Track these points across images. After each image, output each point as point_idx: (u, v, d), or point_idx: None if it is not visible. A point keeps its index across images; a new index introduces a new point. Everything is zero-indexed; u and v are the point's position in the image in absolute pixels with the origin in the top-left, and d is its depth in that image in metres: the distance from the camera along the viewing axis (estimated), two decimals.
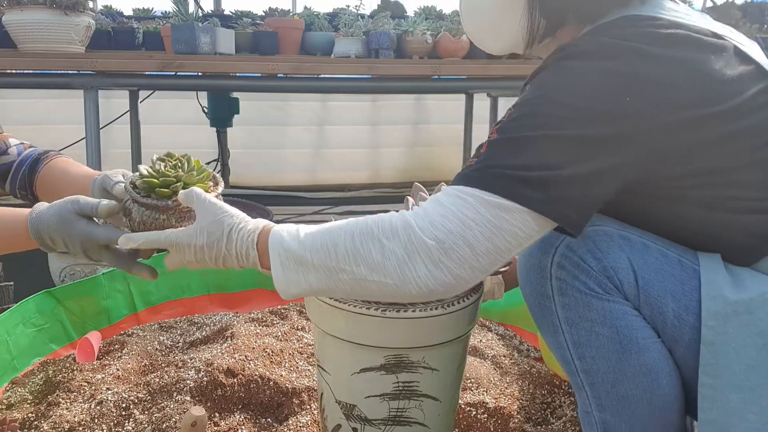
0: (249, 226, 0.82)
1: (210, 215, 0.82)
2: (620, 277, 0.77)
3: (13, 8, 2.17)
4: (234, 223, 0.82)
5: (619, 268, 0.77)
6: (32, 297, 1.36)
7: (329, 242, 0.75)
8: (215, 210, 0.83)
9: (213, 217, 0.82)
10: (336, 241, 0.75)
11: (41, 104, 3.64)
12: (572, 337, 0.81)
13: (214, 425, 1.10)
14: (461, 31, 2.49)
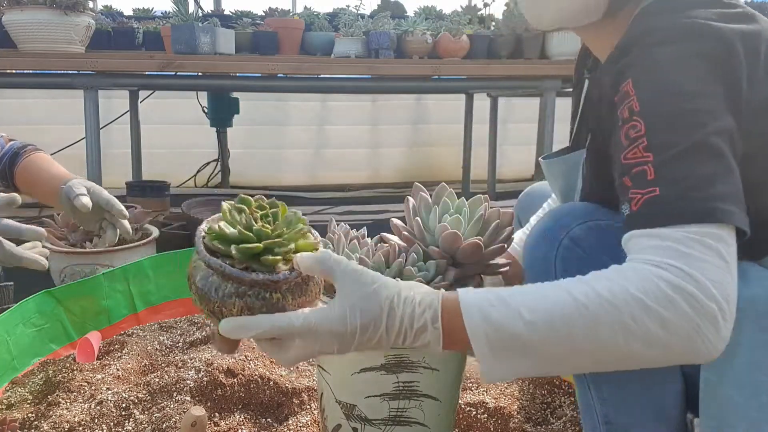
0: (419, 296, 0.65)
1: (358, 286, 0.64)
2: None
3: (13, 8, 2.17)
4: (394, 293, 0.65)
5: (623, 261, 0.77)
6: (32, 297, 1.36)
7: (561, 321, 0.62)
8: (364, 278, 0.65)
9: (363, 288, 0.64)
10: (572, 321, 0.62)
11: (41, 104, 3.64)
12: None
13: (214, 425, 1.10)
14: (461, 31, 2.49)
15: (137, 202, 2.44)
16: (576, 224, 0.82)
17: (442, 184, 0.98)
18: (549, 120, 2.55)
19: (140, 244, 1.77)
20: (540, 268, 0.83)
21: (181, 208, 2.21)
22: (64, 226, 1.75)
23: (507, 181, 4.17)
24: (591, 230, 0.80)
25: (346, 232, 0.98)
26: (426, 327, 0.64)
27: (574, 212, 0.85)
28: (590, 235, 0.80)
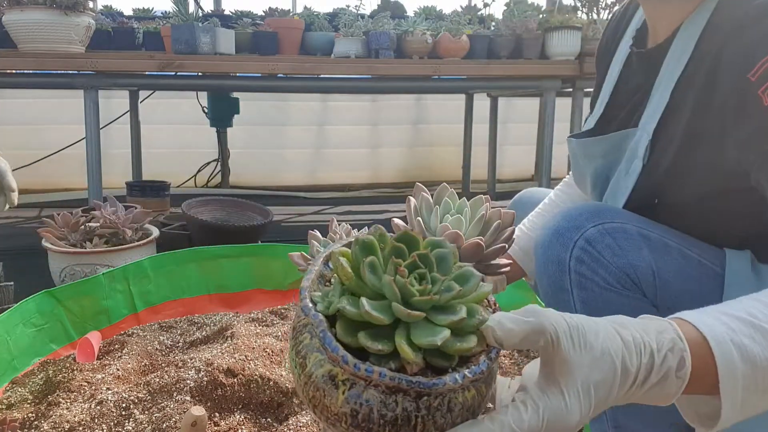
0: (653, 341, 0.51)
1: (584, 352, 0.48)
2: (639, 275, 0.76)
3: (13, 8, 2.17)
4: (621, 344, 0.50)
5: (639, 266, 0.76)
6: (32, 297, 1.36)
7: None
8: (586, 338, 0.49)
9: (590, 353, 0.48)
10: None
11: (41, 104, 3.64)
12: None
13: (214, 425, 1.10)
14: (461, 31, 2.49)
15: (137, 202, 2.44)
16: (591, 225, 0.80)
17: (443, 184, 0.97)
18: (549, 120, 2.55)
19: (140, 244, 1.78)
20: (553, 269, 0.81)
21: (181, 208, 2.20)
22: (64, 226, 1.75)
23: (507, 181, 4.17)
24: (606, 232, 0.78)
25: (347, 232, 0.98)
26: (667, 377, 0.51)
27: (587, 212, 0.82)
28: (605, 237, 0.78)
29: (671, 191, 0.81)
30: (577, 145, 1.00)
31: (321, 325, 0.48)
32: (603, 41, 1.05)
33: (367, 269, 0.49)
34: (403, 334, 0.47)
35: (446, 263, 0.52)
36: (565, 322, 0.49)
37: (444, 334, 0.46)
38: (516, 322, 0.48)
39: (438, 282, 0.49)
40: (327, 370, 0.47)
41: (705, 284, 0.76)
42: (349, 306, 0.48)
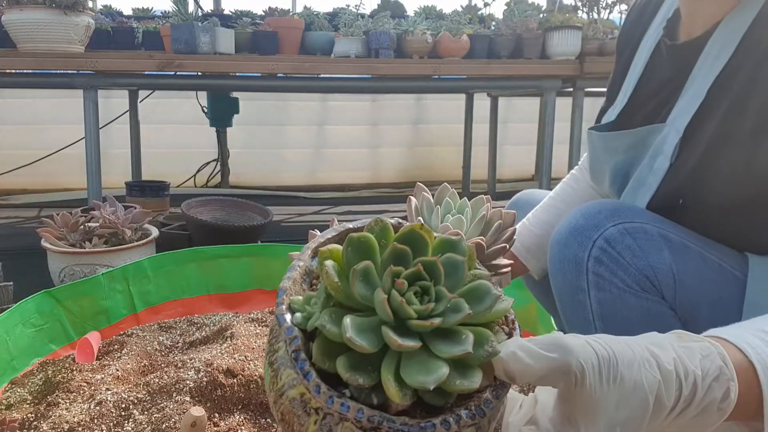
0: (698, 368, 0.45)
1: (612, 388, 0.42)
2: (659, 277, 0.74)
3: (13, 8, 2.16)
4: (658, 378, 0.44)
5: (659, 268, 0.74)
6: (31, 297, 1.35)
7: None
8: (615, 372, 0.43)
9: (619, 389, 0.43)
10: None
11: (41, 104, 3.64)
12: (605, 334, 0.77)
13: (213, 425, 1.09)
14: (461, 31, 2.49)
15: (137, 202, 2.44)
16: (610, 224, 0.77)
17: (444, 184, 0.97)
18: (549, 120, 2.54)
19: (140, 244, 1.77)
20: (570, 268, 0.79)
21: (181, 208, 2.20)
22: (64, 226, 1.75)
23: (507, 181, 4.17)
24: (626, 232, 0.76)
25: None
26: (707, 410, 0.45)
27: (606, 210, 0.79)
28: (625, 237, 0.76)
29: (697, 192, 0.78)
30: (598, 138, 0.96)
31: (294, 344, 0.41)
32: (626, 27, 1.01)
33: (357, 280, 0.41)
34: (391, 367, 0.39)
35: (458, 274, 0.43)
36: (596, 354, 0.42)
37: (440, 373, 0.38)
38: (535, 356, 0.41)
39: (444, 300, 0.41)
40: (299, 393, 0.41)
41: (725, 289, 0.74)
42: (329, 325, 0.40)
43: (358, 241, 0.43)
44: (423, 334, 0.41)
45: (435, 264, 0.42)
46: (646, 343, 0.46)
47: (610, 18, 2.74)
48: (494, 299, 0.42)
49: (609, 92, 1.03)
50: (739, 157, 0.73)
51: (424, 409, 0.41)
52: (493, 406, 0.41)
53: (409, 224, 0.45)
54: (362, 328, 0.40)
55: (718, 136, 0.76)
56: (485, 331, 0.42)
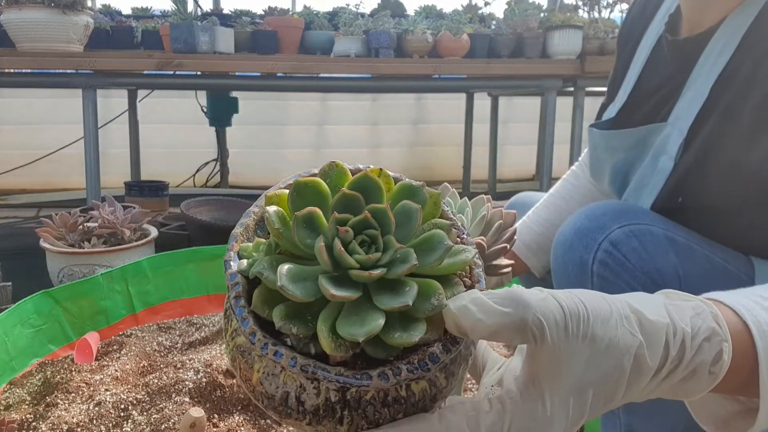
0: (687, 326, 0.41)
1: (581, 346, 0.38)
2: (665, 280, 0.73)
3: (12, 7, 2.16)
4: (638, 340, 0.39)
5: (665, 271, 0.73)
6: (30, 297, 1.35)
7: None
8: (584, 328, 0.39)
9: (591, 346, 0.38)
10: None
11: (40, 104, 3.64)
12: None
13: (213, 426, 1.09)
14: (461, 30, 2.49)
15: (136, 201, 2.43)
16: (616, 226, 0.75)
17: (444, 184, 0.96)
18: (550, 120, 2.54)
19: (139, 244, 1.77)
20: (574, 271, 0.77)
21: (180, 208, 2.20)
22: (63, 226, 1.74)
23: (507, 181, 4.16)
24: (632, 234, 0.74)
25: None
26: (696, 372, 0.41)
27: (611, 212, 0.78)
28: (631, 239, 0.74)
29: (697, 192, 0.77)
30: (599, 136, 0.95)
31: (235, 290, 0.40)
32: (627, 22, 1.00)
33: (300, 226, 0.39)
34: (329, 319, 0.38)
35: (411, 222, 0.40)
36: (560, 308, 0.38)
37: (372, 326, 0.36)
38: (487, 311, 0.37)
39: (390, 250, 0.38)
40: (243, 341, 0.40)
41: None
42: (268, 272, 0.38)
43: (304, 185, 0.41)
44: (368, 286, 0.39)
45: (385, 211, 0.39)
46: (628, 299, 0.42)
47: (611, 17, 2.74)
48: (445, 250, 0.39)
49: (610, 88, 1.02)
50: (737, 156, 0.72)
51: (365, 362, 0.39)
52: (441, 361, 0.39)
53: (364, 170, 0.42)
54: (301, 277, 0.38)
55: (716, 135, 0.75)
56: (433, 283, 0.39)
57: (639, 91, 0.92)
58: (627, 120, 0.91)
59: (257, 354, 0.39)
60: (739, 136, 0.72)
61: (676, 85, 0.83)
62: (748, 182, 0.71)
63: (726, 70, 0.76)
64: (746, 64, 0.73)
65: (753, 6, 0.75)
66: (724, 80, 0.76)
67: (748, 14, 0.75)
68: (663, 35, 0.89)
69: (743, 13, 0.76)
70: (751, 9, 0.75)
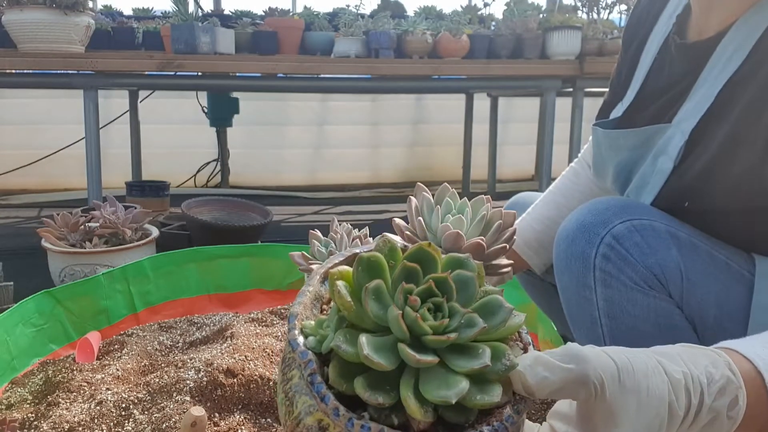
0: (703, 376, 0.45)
1: (630, 398, 0.42)
2: (667, 275, 0.73)
3: (13, 8, 2.16)
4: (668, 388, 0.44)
5: (667, 266, 0.73)
6: (32, 297, 1.35)
7: None
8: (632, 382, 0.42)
9: (636, 396, 0.42)
10: None
11: (41, 104, 3.64)
12: (611, 331, 0.77)
13: (213, 425, 1.09)
14: (461, 31, 2.49)
15: (137, 202, 2.44)
16: (618, 221, 0.76)
17: (444, 184, 0.97)
18: (549, 120, 2.54)
19: (140, 244, 1.77)
20: (577, 265, 0.78)
21: (181, 208, 2.20)
22: (64, 226, 1.75)
23: (507, 181, 4.17)
24: (635, 229, 0.75)
25: (348, 232, 0.97)
26: (717, 418, 0.45)
27: (614, 207, 0.78)
28: (633, 234, 0.75)
29: (705, 196, 0.76)
30: (603, 135, 0.95)
31: (309, 368, 0.40)
32: (632, 20, 0.99)
33: (370, 298, 0.40)
34: (410, 384, 0.38)
35: (470, 289, 0.42)
36: (613, 363, 0.41)
37: (461, 387, 0.37)
38: (552, 368, 0.40)
39: (457, 315, 0.40)
40: (317, 420, 0.40)
41: (733, 288, 0.73)
42: (345, 345, 0.39)
43: (368, 260, 0.43)
44: (439, 351, 0.40)
45: (446, 280, 0.41)
46: (651, 353, 0.46)
47: (610, 18, 2.75)
48: (507, 313, 0.42)
49: (614, 87, 1.01)
50: (751, 163, 0.72)
51: (445, 428, 0.40)
52: (515, 421, 0.40)
53: (417, 243, 0.44)
54: (378, 347, 0.39)
55: (729, 141, 0.74)
56: (501, 345, 0.42)
57: (645, 92, 0.91)
58: (633, 120, 0.91)
59: (339, 430, 0.39)
60: (755, 143, 0.71)
61: (683, 87, 0.83)
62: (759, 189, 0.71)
63: (736, 75, 0.76)
64: (761, 71, 0.72)
65: (763, 13, 0.74)
66: (734, 85, 0.76)
67: (761, 20, 0.74)
68: (671, 36, 0.89)
69: (754, 18, 0.75)
70: (761, 16, 0.74)
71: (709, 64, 0.80)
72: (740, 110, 0.74)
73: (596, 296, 0.77)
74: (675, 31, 0.88)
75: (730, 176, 0.73)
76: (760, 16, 0.74)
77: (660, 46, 0.90)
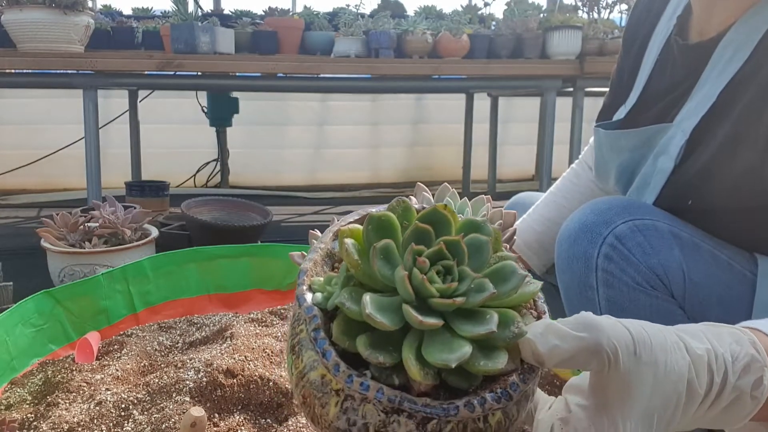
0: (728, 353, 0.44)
1: (646, 371, 0.40)
2: (669, 276, 0.73)
3: (12, 8, 2.16)
4: (687, 363, 0.42)
5: (669, 266, 0.73)
6: (31, 297, 1.35)
7: None
8: (648, 355, 0.41)
9: (653, 369, 0.41)
10: None
11: (40, 104, 3.64)
12: None
13: (213, 426, 1.09)
14: (461, 31, 2.49)
15: (136, 201, 2.44)
16: (621, 221, 0.76)
17: (444, 184, 0.97)
18: (549, 120, 2.54)
19: (140, 244, 1.77)
20: (579, 265, 0.78)
21: (181, 208, 2.20)
22: (63, 226, 1.75)
23: (507, 181, 4.17)
24: (637, 229, 0.75)
25: None
26: (740, 398, 0.44)
27: (617, 207, 0.78)
28: (636, 234, 0.75)
29: (707, 195, 0.76)
30: (605, 136, 0.95)
31: (314, 322, 0.40)
32: (632, 21, 0.99)
33: (378, 258, 0.39)
34: (413, 346, 0.38)
35: (483, 254, 0.41)
36: (629, 333, 0.40)
37: (463, 352, 0.37)
38: (564, 337, 0.39)
39: (467, 279, 0.39)
40: (320, 374, 0.40)
41: (735, 288, 0.73)
42: (349, 303, 0.39)
43: (378, 219, 0.42)
44: (446, 314, 0.39)
45: (458, 243, 0.40)
46: (673, 328, 0.44)
47: (611, 18, 2.75)
48: (520, 280, 0.41)
49: (615, 88, 1.01)
50: (752, 162, 0.72)
51: (447, 392, 0.40)
52: (521, 390, 0.40)
53: (432, 205, 0.44)
54: (383, 306, 0.39)
55: (730, 140, 0.74)
56: (511, 311, 0.41)
57: (647, 94, 0.91)
58: (635, 121, 0.91)
59: (335, 388, 0.39)
60: (756, 142, 0.71)
61: (686, 88, 0.83)
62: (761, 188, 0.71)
63: (738, 75, 0.76)
64: (763, 71, 0.72)
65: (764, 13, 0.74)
66: (735, 85, 0.76)
67: (761, 21, 0.74)
68: (672, 37, 0.89)
69: (755, 19, 0.75)
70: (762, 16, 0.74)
71: (709, 64, 0.80)
72: (741, 109, 0.74)
73: (598, 296, 0.77)
74: (676, 32, 0.88)
75: (731, 175, 0.73)
76: (760, 16, 0.75)
77: (662, 47, 0.90)
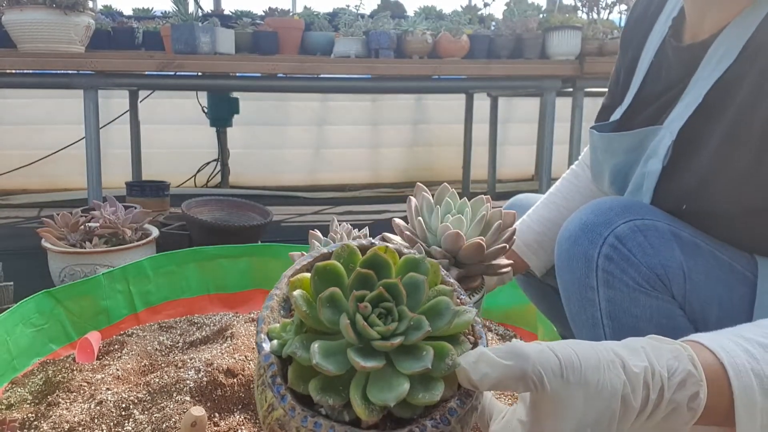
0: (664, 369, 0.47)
1: (575, 390, 0.44)
2: (670, 276, 0.73)
3: (13, 8, 2.16)
4: (622, 380, 0.45)
5: (670, 267, 0.73)
6: (32, 297, 1.35)
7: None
8: (576, 375, 0.44)
9: (584, 389, 0.44)
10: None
11: (41, 104, 3.64)
12: (613, 332, 0.76)
13: (214, 425, 1.10)
14: (461, 31, 2.49)
15: (137, 202, 2.44)
16: (621, 221, 0.75)
17: (444, 185, 0.97)
18: (549, 120, 2.55)
19: (140, 244, 1.77)
20: (579, 265, 0.77)
21: (181, 208, 2.20)
22: (64, 226, 1.75)
23: (507, 181, 4.17)
24: (638, 229, 0.75)
25: (348, 232, 0.97)
26: (677, 410, 0.46)
27: (617, 207, 0.78)
28: (636, 234, 0.75)
29: (702, 199, 0.76)
30: (599, 138, 0.95)
31: (271, 369, 0.45)
32: (629, 23, 0.99)
33: (324, 306, 0.44)
34: (359, 386, 0.43)
35: (419, 292, 0.46)
36: (556, 358, 0.44)
37: (401, 390, 0.41)
38: (493, 365, 0.43)
39: (406, 319, 0.44)
40: (279, 415, 0.45)
41: (736, 289, 0.73)
42: (300, 351, 0.43)
43: (324, 269, 0.46)
44: (389, 353, 0.44)
45: (396, 285, 0.45)
46: (613, 347, 0.47)
47: (610, 18, 2.75)
48: (453, 315, 0.45)
49: (612, 89, 1.01)
50: (746, 163, 0.72)
51: (394, 422, 0.44)
52: (458, 413, 0.44)
53: (373, 248, 0.48)
54: (331, 352, 0.43)
55: (725, 143, 0.74)
56: (446, 345, 0.45)
57: (642, 95, 0.91)
58: (628, 123, 0.91)
59: (296, 426, 0.44)
60: (750, 144, 0.71)
61: (679, 90, 0.83)
62: (756, 192, 0.71)
63: (725, 76, 0.76)
64: (752, 72, 0.73)
65: (755, 13, 0.75)
66: (722, 86, 0.76)
67: (750, 22, 0.75)
68: (667, 39, 0.89)
69: (744, 21, 0.75)
70: (752, 17, 0.75)
71: (701, 66, 0.80)
72: (732, 110, 0.74)
73: (599, 297, 0.77)
74: (671, 33, 0.88)
75: (726, 177, 0.74)
76: (751, 17, 0.75)
77: (657, 49, 0.90)
